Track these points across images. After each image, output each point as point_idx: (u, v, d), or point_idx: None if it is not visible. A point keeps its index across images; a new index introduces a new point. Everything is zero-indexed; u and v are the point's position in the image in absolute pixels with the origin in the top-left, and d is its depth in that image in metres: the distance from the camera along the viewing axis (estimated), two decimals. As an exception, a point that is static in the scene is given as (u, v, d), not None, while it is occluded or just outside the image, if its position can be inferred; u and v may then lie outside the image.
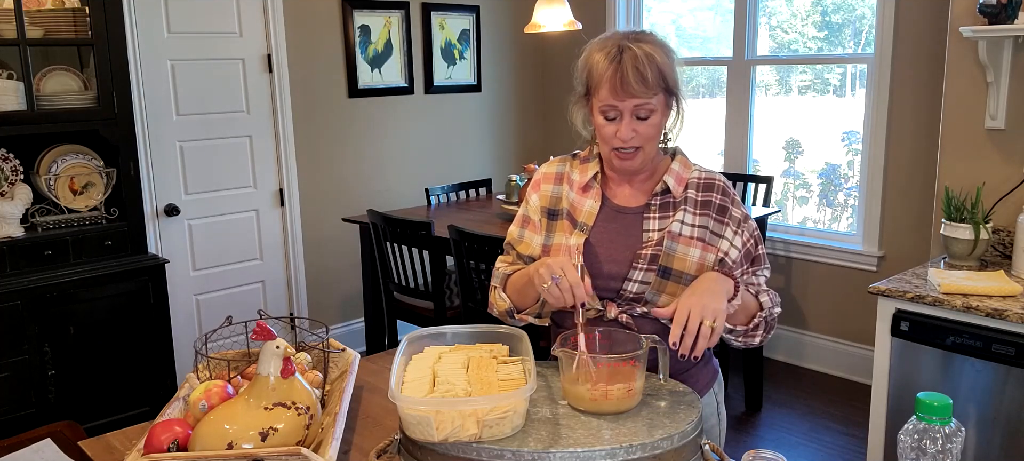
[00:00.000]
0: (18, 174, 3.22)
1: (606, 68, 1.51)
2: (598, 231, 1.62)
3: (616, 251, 1.59)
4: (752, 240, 1.61)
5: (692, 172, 1.63)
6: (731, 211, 1.59)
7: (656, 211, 1.60)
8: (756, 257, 1.62)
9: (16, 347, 3.03)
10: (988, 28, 2.68)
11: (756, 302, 1.58)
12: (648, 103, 1.51)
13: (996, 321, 2.33)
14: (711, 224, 1.58)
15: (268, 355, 1.36)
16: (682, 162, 1.64)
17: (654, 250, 1.55)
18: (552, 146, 5.32)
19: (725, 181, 1.63)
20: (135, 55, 3.66)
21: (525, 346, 1.42)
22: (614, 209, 1.63)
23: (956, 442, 1.11)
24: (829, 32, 4.19)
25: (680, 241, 1.56)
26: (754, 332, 1.58)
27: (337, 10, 4.37)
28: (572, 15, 3.88)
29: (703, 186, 1.60)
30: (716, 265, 1.56)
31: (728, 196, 1.61)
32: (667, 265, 1.55)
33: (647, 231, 1.59)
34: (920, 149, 3.69)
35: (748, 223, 1.61)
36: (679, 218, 1.58)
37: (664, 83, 1.51)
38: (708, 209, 1.58)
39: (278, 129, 4.21)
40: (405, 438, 1.28)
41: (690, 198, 1.59)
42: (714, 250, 1.57)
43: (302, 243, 4.39)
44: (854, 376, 4.08)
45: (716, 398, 1.71)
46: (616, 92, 1.50)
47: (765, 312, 1.57)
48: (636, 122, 1.53)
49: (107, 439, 1.62)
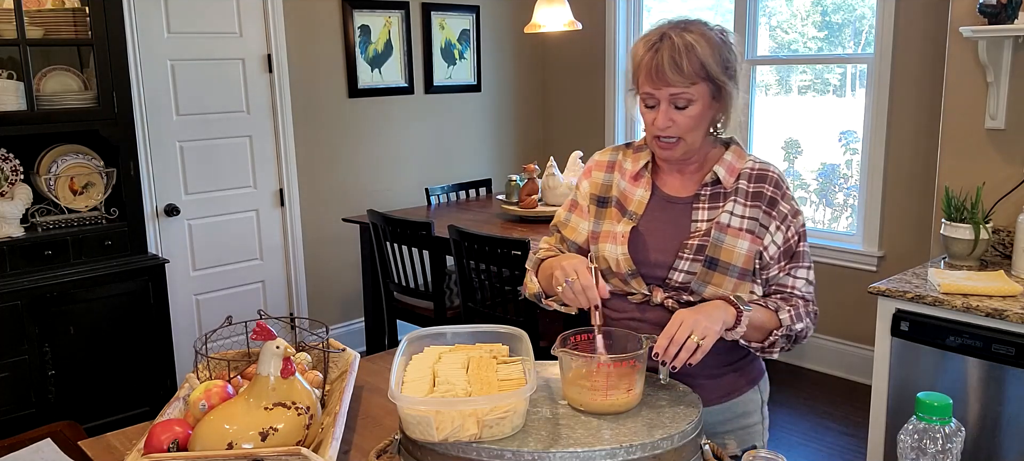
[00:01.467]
0: (18, 174, 3.22)
1: (644, 56, 1.50)
2: (647, 220, 1.60)
3: (664, 240, 1.57)
4: (796, 237, 1.57)
5: (746, 162, 1.59)
6: (780, 205, 1.56)
7: (706, 201, 1.57)
8: (796, 253, 1.57)
9: (16, 347, 3.03)
10: (988, 28, 2.68)
11: (775, 319, 1.53)
12: (685, 92, 1.48)
13: (996, 321, 2.33)
14: (761, 216, 1.54)
15: (268, 355, 1.36)
16: (736, 152, 1.60)
17: (701, 240, 1.53)
18: (552, 146, 5.33)
19: (779, 173, 1.59)
20: (135, 55, 3.66)
21: (525, 346, 1.42)
22: (664, 198, 1.61)
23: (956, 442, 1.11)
24: (829, 32, 4.19)
25: (728, 232, 1.53)
26: (770, 348, 1.54)
27: (337, 10, 4.37)
28: (572, 15, 3.88)
29: (756, 177, 1.57)
30: (756, 259, 1.54)
31: (780, 189, 1.57)
32: (714, 256, 1.52)
33: (696, 221, 1.56)
34: (920, 149, 3.69)
35: (796, 219, 1.57)
36: (729, 209, 1.55)
37: (705, 73, 1.47)
38: (759, 201, 1.55)
39: (278, 129, 4.21)
40: (405, 438, 1.28)
41: (742, 189, 1.56)
42: (760, 243, 1.54)
43: (302, 243, 4.39)
44: (854, 376, 4.08)
45: (761, 396, 1.69)
46: (652, 80, 1.49)
47: (784, 329, 1.52)
48: (674, 111, 1.50)
49: (107, 439, 1.62)
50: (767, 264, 1.55)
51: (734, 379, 1.63)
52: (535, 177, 3.90)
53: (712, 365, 1.54)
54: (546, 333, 3.34)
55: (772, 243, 1.55)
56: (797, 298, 1.57)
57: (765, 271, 1.56)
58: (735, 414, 1.64)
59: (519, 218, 3.89)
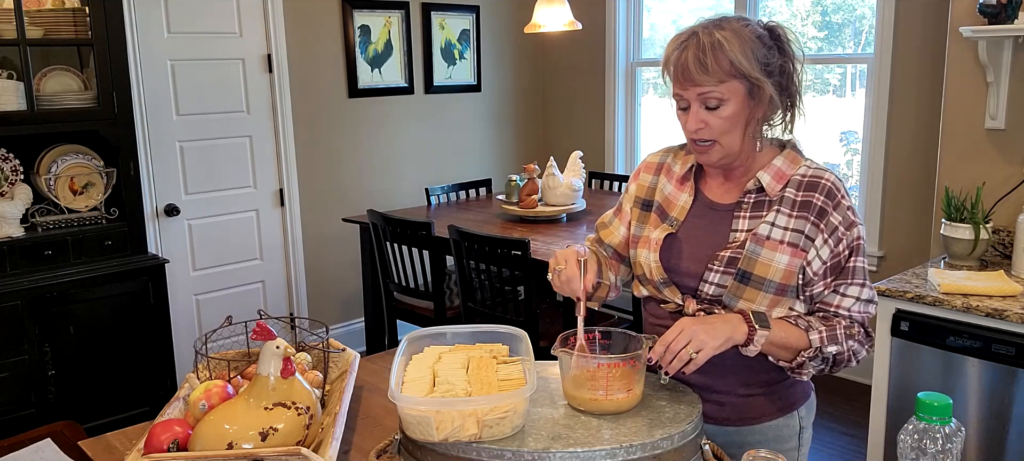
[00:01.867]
0: (18, 174, 3.22)
1: (671, 56, 1.43)
2: (687, 226, 1.53)
3: (699, 249, 1.49)
4: (847, 251, 1.45)
5: (798, 168, 1.47)
6: (830, 216, 1.43)
7: (747, 209, 1.47)
8: (845, 269, 1.45)
9: (16, 347, 3.03)
10: (988, 28, 2.68)
11: (804, 339, 1.42)
12: (714, 91, 1.39)
13: (996, 321, 2.33)
14: (808, 228, 1.43)
15: (268, 355, 1.36)
16: (789, 157, 1.49)
17: (734, 252, 1.45)
18: (552, 146, 5.33)
19: (834, 181, 1.45)
20: (135, 55, 3.66)
21: (525, 346, 1.42)
22: (706, 204, 1.53)
23: (956, 442, 1.11)
24: (829, 32, 4.19)
25: (766, 245, 1.43)
26: (799, 369, 1.44)
27: (337, 10, 4.37)
28: (572, 15, 3.88)
29: (806, 185, 1.45)
30: (799, 274, 1.43)
31: (833, 199, 1.44)
32: (747, 270, 1.43)
33: (735, 231, 1.47)
34: (920, 149, 3.69)
35: (849, 232, 1.44)
36: (769, 220, 1.44)
37: (735, 71, 1.38)
38: (807, 211, 1.43)
39: (278, 129, 4.21)
40: (405, 438, 1.28)
41: (788, 198, 1.45)
42: (803, 256, 1.42)
43: (302, 243, 4.39)
44: (854, 376, 4.08)
45: (800, 422, 1.58)
46: (679, 80, 1.42)
47: (812, 350, 1.42)
48: (705, 112, 1.42)
49: (107, 439, 1.62)
50: (810, 280, 1.44)
51: (764, 403, 1.54)
52: (535, 177, 3.90)
53: (737, 384, 1.51)
54: (546, 333, 3.34)
55: (817, 258, 1.43)
56: (841, 318, 1.46)
57: (809, 288, 1.45)
58: (767, 438, 1.54)
59: (519, 218, 3.89)
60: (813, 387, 1.63)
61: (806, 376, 1.47)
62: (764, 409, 1.55)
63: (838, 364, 1.46)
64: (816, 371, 1.47)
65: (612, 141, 5.03)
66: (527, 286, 3.25)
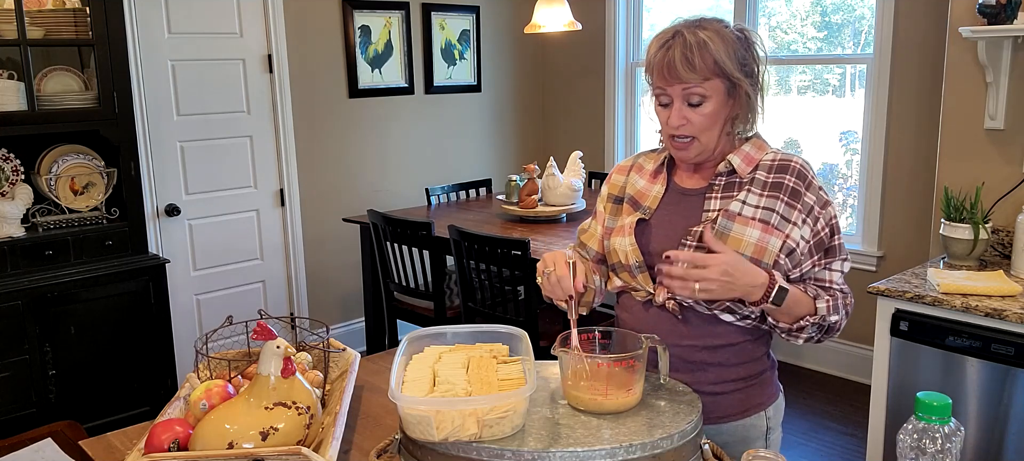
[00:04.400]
0: (19, 174, 3.22)
1: (657, 54, 1.49)
2: (659, 214, 1.58)
3: (673, 231, 1.54)
4: (827, 230, 1.52)
5: (766, 154, 1.54)
6: (804, 196, 1.49)
7: (719, 190, 1.53)
8: (830, 248, 1.52)
9: (17, 347, 3.04)
10: (987, 28, 2.68)
11: (810, 304, 1.48)
12: (698, 89, 1.45)
13: (995, 321, 2.33)
14: (781, 207, 1.48)
15: (268, 355, 1.36)
16: (756, 144, 1.56)
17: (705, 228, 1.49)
18: (552, 146, 5.33)
19: (803, 164, 1.52)
20: (136, 55, 3.66)
21: (525, 346, 1.43)
22: (678, 192, 1.59)
23: (955, 442, 1.11)
24: (829, 32, 4.19)
25: (736, 220, 1.48)
26: (798, 333, 1.50)
27: (337, 10, 4.37)
28: (572, 15, 3.89)
29: (777, 168, 1.51)
30: (783, 253, 1.47)
31: (804, 180, 1.50)
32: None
33: (707, 211, 1.52)
34: (919, 149, 3.69)
35: (825, 211, 1.51)
36: (741, 198, 1.50)
37: (718, 70, 1.45)
38: (778, 191, 1.49)
39: (278, 129, 4.22)
40: (405, 438, 1.28)
41: (759, 179, 1.51)
42: (781, 235, 1.47)
43: (302, 243, 4.40)
44: (854, 376, 4.08)
45: (768, 423, 1.61)
46: (664, 76, 1.47)
47: (817, 317, 1.48)
48: (687, 109, 1.48)
49: (108, 439, 1.62)
50: (798, 261, 1.49)
51: (732, 402, 1.56)
52: (535, 177, 3.90)
53: (706, 381, 1.53)
54: (546, 333, 3.34)
55: (801, 238, 1.49)
56: (836, 291, 1.52)
57: (797, 268, 1.50)
58: (734, 438, 1.57)
59: (519, 218, 3.89)
60: (781, 389, 1.67)
61: (801, 341, 1.52)
62: (731, 408, 1.57)
63: (830, 332, 1.53)
64: (810, 337, 1.52)
65: (612, 141, 5.03)
66: (527, 286, 3.25)
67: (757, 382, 1.59)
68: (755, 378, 1.59)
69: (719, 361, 1.54)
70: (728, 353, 1.54)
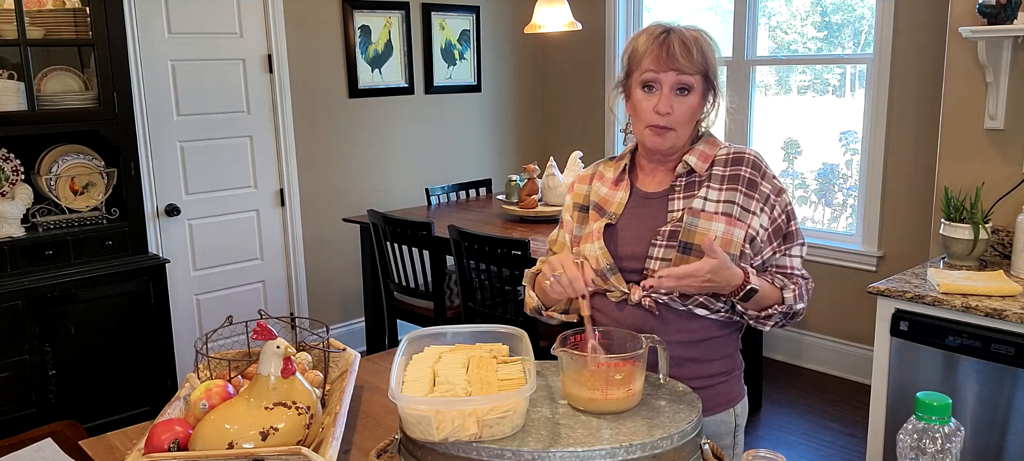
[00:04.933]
0: (19, 174, 3.22)
1: (651, 43, 1.55)
2: (625, 218, 1.63)
3: (641, 232, 1.59)
4: (784, 216, 1.59)
5: (719, 150, 1.62)
6: (760, 186, 1.57)
7: (680, 191, 1.60)
8: (788, 233, 1.60)
9: (17, 347, 3.04)
10: (987, 28, 2.68)
11: (777, 295, 1.56)
12: (689, 79, 1.54)
13: (995, 321, 2.33)
14: (740, 198, 1.56)
15: (268, 355, 1.36)
16: (709, 141, 1.64)
17: (673, 226, 1.56)
18: (552, 146, 5.33)
19: (756, 155, 1.61)
20: (135, 55, 3.66)
21: (525, 346, 1.43)
22: (642, 196, 1.65)
23: (955, 442, 1.11)
24: (829, 32, 4.19)
25: (701, 216, 1.54)
26: (765, 320, 1.58)
27: (337, 10, 4.38)
28: (572, 15, 3.89)
29: (731, 161, 1.59)
30: (746, 242, 1.54)
31: (759, 170, 1.59)
32: (688, 241, 1.54)
33: (671, 211, 1.59)
34: (919, 149, 3.69)
35: (780, 198, 1.59)
36: (702, 195, 1.57)
37: (705, 67, 1.55)
38: (736, 183, 1.57)
39: (278, 129, 4.22)
40: (405, 438, 1.28)
41: (716, 174, 1.59)
42: (743, 226, 1.55)
43: (302, 243, 4.40)
44: (853, 376, 4.08)
45: (736, 420, 1.66)
46: (660, 61, 1.54)
47: (784, 307, 1.56)
48: (674, 97, 1.55)
49: (108, 439, 1.62)
50: (760, 248, 1.56)
51: (713, 395, 1.60)
52: (535, 177, 3.90)
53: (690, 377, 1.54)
54: (546, 333, 3.34)
55: (760, 226, 1.56)
56: (797, 277, 1.59)
57: (759, 256, 1.57)
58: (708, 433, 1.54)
59: (519, 218, 3.89)
60: (746, 390, 1.73)
61: (768, 327, 1.60)
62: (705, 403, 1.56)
63: (795, 318, 1.61)
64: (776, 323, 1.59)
65: (612, 141, 5.03)
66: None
67: (729, 379, 1.65)
68: (727, 374, 1.65)
69: (694, 356, 1.59)
70: (702, 348, 1.60)
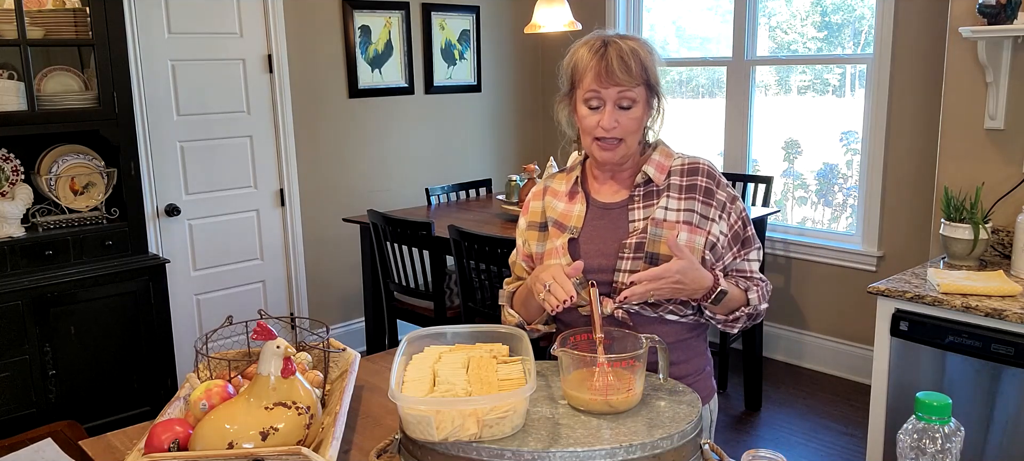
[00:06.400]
0: (19, 174, 3.22)
1: (591, 59, 1.57)
2: (586, 231, 1.65)
3: (604, 245, 1.62)
4: (740, 222, 1.64)
5: (674, 160, 1.66)
6: (717, 194, 1.62)
7: (640, 201, 1.63)
8: (746, 239, 1.65)
9: (16, 347, 3.04)
10: (987, 28, 2.68)
11: (743, 297, 1.61)
12: (630, 93, 1.55)
13: (995, 321, 2.34)
14: (698, 206, 1.60)
15: (268, 355, 1.36)
16: (663, 151, 1.67)
17: (639, 238, 1.58)
18: (552, 146, 5.33)
19: (709, 164, 1.65)
20: (135, 55, 3.66)
21: (525, 346, 1.43)
22: (600, 207, 1.67)
23: (955, 442, 1.11)
24: (829, 32, 4.19)
25: (664, 226, 1.58)
26: (733, 323, 1.62)
27: (337, 10, 4.38)
28: (572, 15, 3.89)
29: (687, 171, 1.63)
30: (707, 248, 1.58)
31: (714, 179, 1.63)
32: (654, 251, 1.56)
33: (632, 222, 1.61)
34: (919, 149, 3.69)
35: (735, 205, 1.64)
36: (663, 204, 1.60)
37: (646, 77, 1.56)
38: (694, 193, 1.61)
39: (278, 129, 4.22)
40: (405, 438, 1.28)
41: (674, 184, 1.62)
42: (704, 233, 1.59)
43: (302, 243, 4.40)
44: (853, 376, 4.08)
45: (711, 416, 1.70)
46: (601, 79, 1.55)
47: (750, 308, 1.62)
48: (618, 112, 1.57)
49: (108, 439, 1.62)
50: (721, 254, 1.61)
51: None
52: (535, 177, 3.90)
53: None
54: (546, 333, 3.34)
55: (720, 233, 1.61)
56: (757, 279, 1.65)
57: (720, 262, 1.61)
58: None
59: (519, 218, 3.89)
60: (716, 386, 1.77)
61: (735, 329, 1.64)
62: None
63: (758, 319, 1.66)
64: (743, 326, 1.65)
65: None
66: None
67: (701, 376, 1.69)
68: (699, 373, 1.68)
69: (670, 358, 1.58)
70: (676, 352, 1.62)
